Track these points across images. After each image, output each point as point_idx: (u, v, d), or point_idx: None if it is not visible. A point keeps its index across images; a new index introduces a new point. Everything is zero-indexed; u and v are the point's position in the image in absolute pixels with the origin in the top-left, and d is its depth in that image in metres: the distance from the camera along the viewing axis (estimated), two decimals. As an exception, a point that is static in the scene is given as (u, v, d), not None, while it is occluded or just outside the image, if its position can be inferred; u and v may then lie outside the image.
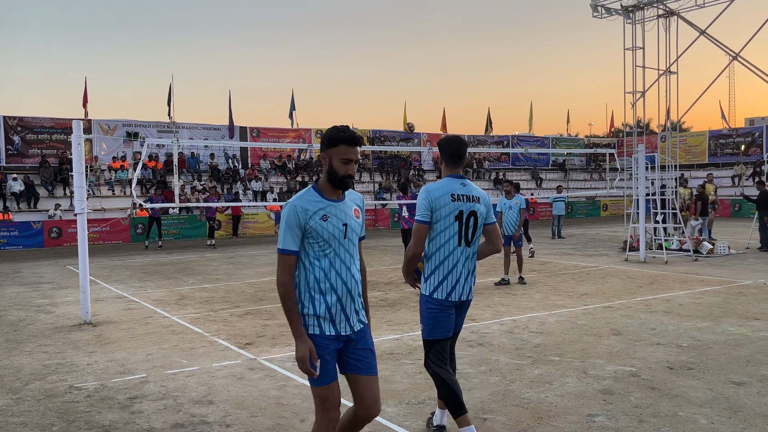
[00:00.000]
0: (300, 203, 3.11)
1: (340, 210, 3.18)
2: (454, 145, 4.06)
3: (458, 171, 4.06)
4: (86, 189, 8.77)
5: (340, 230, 3.14)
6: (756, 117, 53.60)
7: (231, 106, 37.06)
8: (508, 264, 11.42)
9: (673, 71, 17.14)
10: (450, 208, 3.91)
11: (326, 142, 3.17)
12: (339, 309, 3.16)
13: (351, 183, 3.18)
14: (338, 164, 3.14)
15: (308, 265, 3.15)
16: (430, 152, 33.79)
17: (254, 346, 7.02)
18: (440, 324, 4.05)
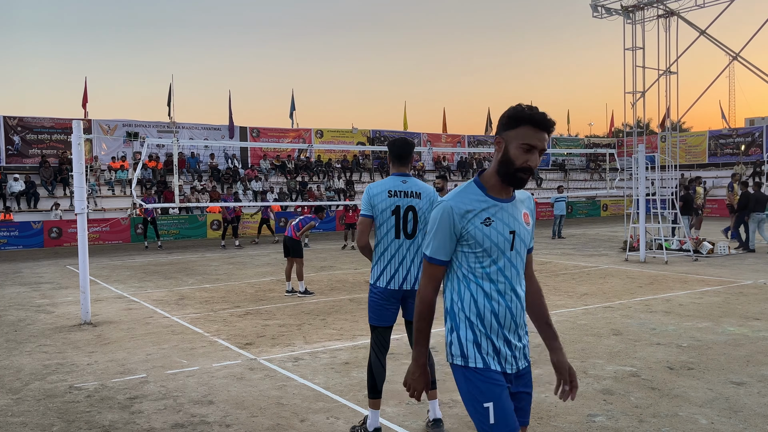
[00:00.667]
0: (458, 204, 2.46)
1: (507, 213, 2.52)
2: (399, 145, 4.37)
3: (404, 169, 4.36)
4: (86, 189, 8.77)
5: (506, 239, 2.49)
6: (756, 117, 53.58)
7: (231, 106, 37.10)
8: None
9: (673, 71, 17.13)
10: (386, 204, 4.23)
11: (504, 121, 2.50)
12: (502, 340, 2.52)
13: (527, 179, 2.50)
14: (516, 151, 2.44)
15: (461, 278, 2.52)
16: (430, 152, 33.79)
17: (254, 346, 7.02)
18: (379, 312, 4.32)
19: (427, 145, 33.91)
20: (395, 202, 4.24)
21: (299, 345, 7.06)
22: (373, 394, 4.38)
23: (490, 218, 2.47)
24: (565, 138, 42.27)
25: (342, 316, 8.61)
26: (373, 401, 4.40)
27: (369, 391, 4.40)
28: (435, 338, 7.21)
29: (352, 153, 32.22)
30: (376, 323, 4.36)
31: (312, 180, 29.52)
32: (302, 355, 6.61)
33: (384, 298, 4.30)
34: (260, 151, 30.07)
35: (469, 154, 35.19)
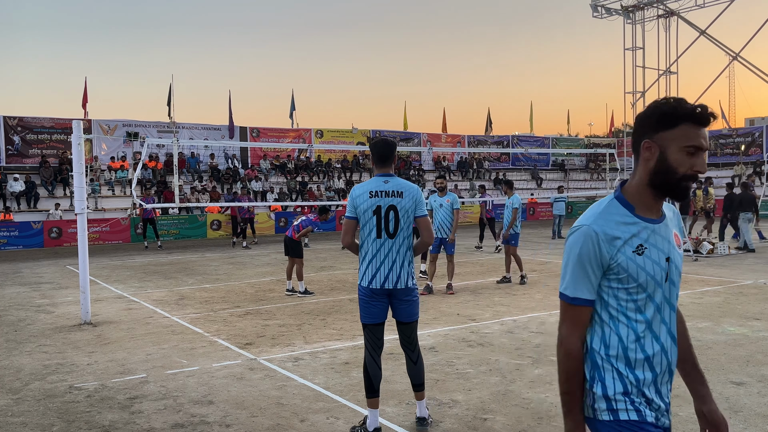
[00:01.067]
0: (602, 228, 1.99)
1: (661, 236, 2.05)
2: (380, 147, 4.41)
3: (386, 170, 4.39)
4: (87, 190, 8.76)
5: (662, 269, 2.03)
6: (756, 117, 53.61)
7: (231, 106, 37.10)
8: (509, 262, 11.41)
9: (673, 71, 17.14)
10: (367, 205, 4.29)
11: (656, 120, 1.98)
12: (654, 389, 2.15)
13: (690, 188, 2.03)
14: (678, 156, 1.95)
15: (607, 320, 2.05)
16: (430, 152, 33.79)
17: (254, 346, 7.02)
18: (366, 310, 4.45)
19: (427, 145, 33.91)
20: (376, 202, 4.30)
21: (299, 345, 7.06)
22: (371, 394, 4.43)
23: (642, 245, 1.99)
24: (565, 138, 42.27)
25: (342, 316, 8.60)
26: (371, 401, 4.44)
27: (366, 391, 4.46)
28: (435, 338, 7.21)
29: (352, 153, 32.22)
30: (365, 320, 4.49)
31: (312, 180, 29.52)
32: (302, 355, 6.61)
33: (369, 296, 4.41)
34: (260, 151, 30.07)
35: (469, 154, 35.19)
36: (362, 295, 4.45)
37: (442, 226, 10.40)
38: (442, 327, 7.81)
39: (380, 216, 4.29)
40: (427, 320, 8.20)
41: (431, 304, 9.36)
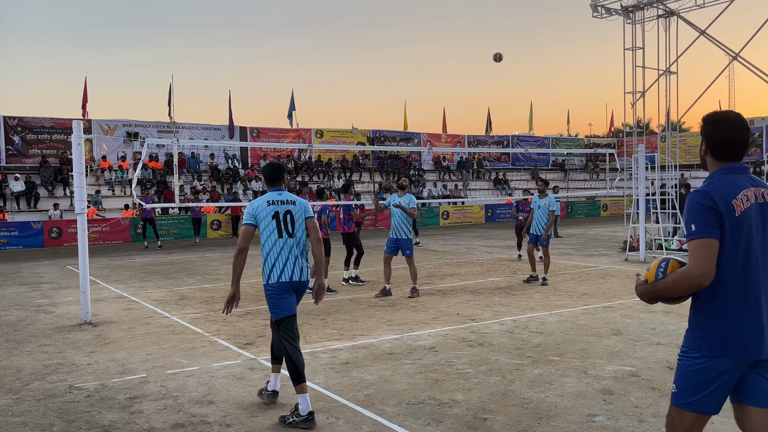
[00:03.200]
0: None
1: None
2: (269, 170, 5.17)
3: (277, 186, 5.11)
4: (86, 189, 8.77)
5: None
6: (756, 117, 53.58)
7: (231, 106, 37.11)
8: (534, 261, 11.38)
9: (673, 71, 17.13)
10: (267, 212, 4.93)
11: None
12: None
13: None
14: None
15: None
16: (430, 152, 33.79)
17: (254, 346, 7.02)
18: (280, 304, 4.90)
19: (427, 145, 33.92)
20: (275, 208, 4.96)
21: (299, 345, 7.05)
22: (299, 381, 4.76)
23: None
24: (565, 138, 42.27)
25: (342, 316, 8.61)
26: (299, 386, 4.74)
27: (294, 379, 4.78)
28: (435, 338, 7.21)
29: (351, 153, 32.22)
30: (282, 315, 4.91)
31: (312, 180, 29.52)
32: (302, 355, 6.60)
33: (280, 291, 4.90)
34: (260, 151, 30.07)
35: (469, 154, 35.19)
36: (273, 291, 4.92)
37: (398, 227, 10.10)
38: (442, 327, 7.81)
39: (279, 219, 4.94)
40: (427, 320, 8.20)
41: (431, 304, 9.36)
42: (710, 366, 2.71)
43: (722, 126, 2.82)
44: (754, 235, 2.73)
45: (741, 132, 2.81)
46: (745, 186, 2.76)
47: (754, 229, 2.73)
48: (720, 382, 2.71)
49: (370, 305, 9.40)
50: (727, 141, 2.80)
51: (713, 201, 2.70)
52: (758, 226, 2.74)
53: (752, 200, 2.75)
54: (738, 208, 2.70)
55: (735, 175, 2.80)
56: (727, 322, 2.70)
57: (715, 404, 2.74)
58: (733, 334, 2.70)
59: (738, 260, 2.70)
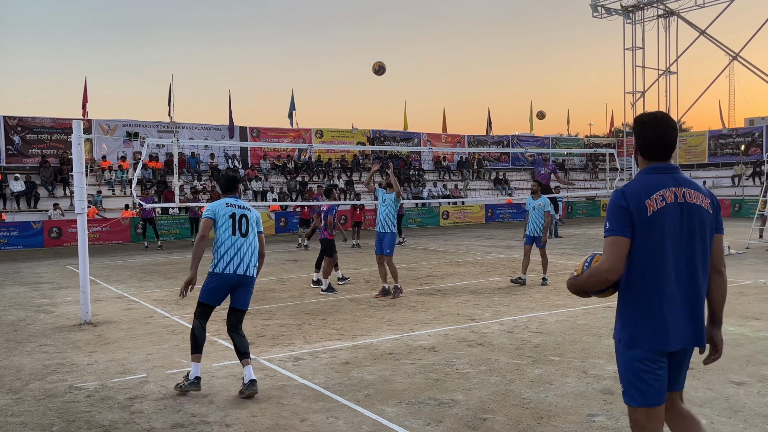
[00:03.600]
0: None
1: None
2: (224, 182, 5.96)
3: (232, 194, 5.85)
4: (86, 189, 8.77)
5: None
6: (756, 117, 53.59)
7: (231, 106, 37.11)
8: (527, 263, 11.19)
9: (673, 71, 17.14)
10: (225, 211, 5.67)
11: None
12: None
13: None
14: None
15: None
16: (430, 152, 33.79)
17: (254, 346, 7.02)
18: (212, 294, 5.64)
19: (427, 145, 33.92)
20: (231, 210, 5.68)
21: (299, 345, 7.06)
22: (196, 351, 5.51)
23: None
24: (565, 138, 42.26)
25: (342, 316, 8.61)
26: (195, 356, 5.50)
27: (193, 349, 5.53)
28: (435, 338, 7.21)
29: (352, 153, 32.22)
30: (207, 301, 5.65)
31: (312, 180, 29.52)
32: (302, 355, 6.61)
33: (220, 283, 5.60)
34: (260, 151, 30.07)
35: (469, 154, 35.19)
36: (213, 280, 5.64)
37: (384, 221, 10.06)
38: (442, 327, 7.81)
39: (235, 220, 5.64)
40: (427, 320, 8.20)
41: (431, 304, 9.36)
42: (633, 358, 2.85)
43: (649, 126, 2.95)
44: (668, 233, 2.84)
45: (666, 132, 2.94)
46: (664, 186, 2.88)
47: (669, 228, 2.84)
48: (648, 373, 2.83)
49: (370, 305, 9.40)
50: (653, 141, 2.94)
51: (626, 201, 2.85)
52: (674, 224, 2.86)
53: (669, 200, 2.86)
54: (650, 208, 2.83)
55: (657, 175, 2.92)
56: (641, 316, 2.85)
57: (654, 395, 2.85)
58: (646, 327, 2.84)
59: (651, 258, 2.84)
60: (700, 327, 2.91)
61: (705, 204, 2.92)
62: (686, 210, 2.88)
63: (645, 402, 2.86)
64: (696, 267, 2.89)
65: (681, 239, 2.86)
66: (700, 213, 2.90)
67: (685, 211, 2.88)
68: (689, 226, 2.87)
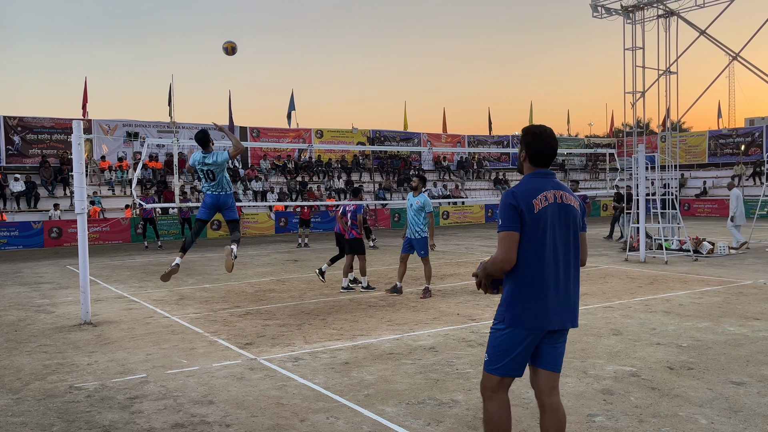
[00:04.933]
0: None
1: None
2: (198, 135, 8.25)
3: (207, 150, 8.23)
4: (86, 189, 8.77)
5: None
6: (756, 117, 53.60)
7: (231, 106, 37.09)
8: None
9: (673, 71, 17.13)
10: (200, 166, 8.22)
11: None
12: None
13: None
14: None
15: None
16: (430, 152, 33.79)
17: (254, 346, 7.02)
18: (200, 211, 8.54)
19: (427, 145, 33.92)
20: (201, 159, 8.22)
21: (299, 345, 7.06)
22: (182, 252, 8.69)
23: None
24: (565, 138, 42.26)
25: (342, 316, 8.61)
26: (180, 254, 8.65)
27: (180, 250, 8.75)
28: (435, 338, 7.21)
29: (352, 153, 32.22)
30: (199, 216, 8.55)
31: (312, 180, 29.52)
32: (302, 355, 6.61)
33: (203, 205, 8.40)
34: (260, 151, 30.07)
35: (469, 154, 35.19)
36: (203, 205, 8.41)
37: (411, 226, 10.02)
38: (442, 327, 7.81)
39: (204, 172, 8.15)
40: (427, 320, 8.20)
41: (431, 304, 9.36)
42: (512, 335, 3.32)
43: (538, 137, 3.41)
44: (549, 228, 3.31)
45: (550, 143, 3.42)
46: (546, 188, 3.35)
47: (550, 224, 3.31)
48: (520, 349, 3.34)
49: (370, 305, 9.40)
50: (539, 150, 3.40)
51: (516, 201, 3.28)
52: (554, 221, 3.33)
53: (550, 200, 3.33)
54: (536, 206, 3.29)
55: (540, 179, 3.40)
56: (525, 299, 3.30)
57: (517, 369, 3.39)
58: (528, 308, 3.30)
59: (535, 249, 3.28)
60: (574, 310, 3.45)
61: (575, 205, 3.41)
62: (563, 209, 3.35)
63: (507, 372, 3.37)
64: (570, 258, 3.37)
65: (559, 234, 3.33)
66: (573, 212, 3.38)
67: (562, 210, 3.35)
68: (565, 223, 3.35)
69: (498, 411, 3.41)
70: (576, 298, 3.44)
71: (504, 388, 3.43)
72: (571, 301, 3.41)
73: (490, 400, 3.42)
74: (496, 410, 3.41)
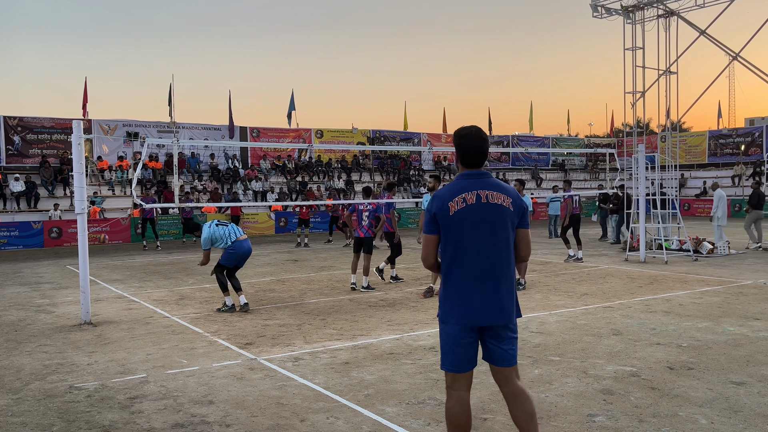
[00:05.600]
0: None
1: None
2: None
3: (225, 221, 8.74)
4: (86, 189, 8.77)
5: None
6: (756, 117, 53.62)
7: (231, 106, 37.11)
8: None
9: (673, 71, 17.13)
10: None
11: None
12: None
13: None
14: None
15: None
16: (430, 152, 33.78)
17: (254, 346, 7.02)
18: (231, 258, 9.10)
19: (427, 145, 33.92)
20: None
21: (299, 345, 7.06)
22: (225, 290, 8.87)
23: None
24: (565, 138, 42.26)
25: (342, 316, 8.61)
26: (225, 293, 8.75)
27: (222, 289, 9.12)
28: (435, 338, 7.21)
29: (352, 153, 32.21)
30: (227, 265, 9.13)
31: (312, 180, 29.52)
32: (302, 355, 6.61)
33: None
34: (260, 151, 30.07)
35: (469, 154, 35.14)
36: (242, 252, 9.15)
37: None
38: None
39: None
40: (427, 320, 8.20)
41: (431, 304, 9.36)
42: (446, 332, 3.44)
43: (465, 138, 3.46)
44: (470, 229, 3.38)
45: (477, 143, 3.45)
46: (468, 189, 3.41)
47: (470, 224, 3.38)
48: (458, 346, 3.41)
49: (370, 305, 9.40)
50: (466, 151, 3.45)
51: (432, 205, 3.43)
52: (476, 221, 3.39)
53: (470, 201, 3.39)
54: (452, 209, 3.38)
55: (466, 180, 3.45)
56: (449, 297, 3.42)
57: (461, 365, 3.44)
58: (452, 306, 3.40)
59: (454, 249, 3.40)
60: (506, 305, 3.42)
61: (506, 203, 3.42)
62: (488, 208, 3.39)
63: (453, 368, 3.45)
64: (499, 254, 3.39)
65: (484, 233, 3.38)
66: (501, 210, 3.40)
67: (487, 209, 3.39)
68: (491, 221, 3.38)
69: (452, 407, 3.49)
70: (507, 295, 3.43)
71: (459, 384, 3.48)
72: (500, 298, 3.40)
73: (447, 396, 3.54)
74: (450, 406, 3.50)
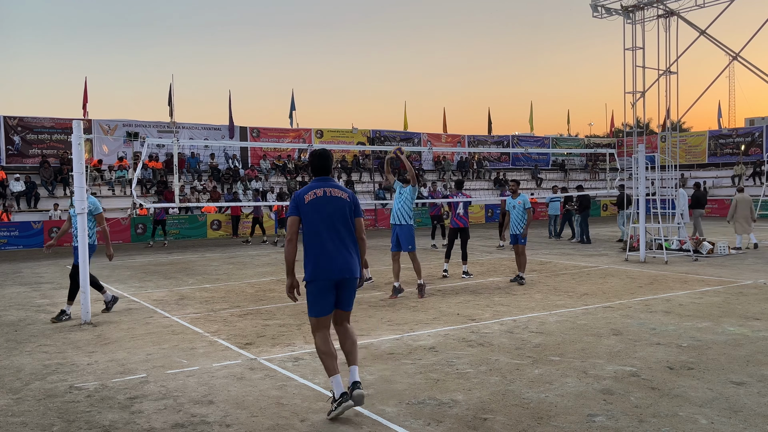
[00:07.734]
0: None
1: None
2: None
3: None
4: (86, 189, 8.77)
5: None
6: (756, 117, 53.63)
7: (231, 106, 37.12)
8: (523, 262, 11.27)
9: (673, 71, 17.13)
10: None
11: None
12: None
13: None
14: None
15: None
16: (430, 152, 33.77)
17: (254, 346, 7.02)
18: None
19: (427, 145, 33.91)
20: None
21: (299, 345, 7.06)
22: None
23: None
24: (565, 138, 42.27)
25: (342, 316, 8.60)
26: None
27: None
28: (435, 338, 7.21)
29: (352, 153, 32.20)
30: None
31: (311, 179, 29.48)
32: (302, 355, 6.61)
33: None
34: (260, 151, 30.07)
35: (469, 154, 35.18)
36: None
37: (400, 214, 10.00)
38: (442, 327, 7.81)
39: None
40: (427, 320, 8.20)
41: (431, 304, 9.36)
42: (311, 287, 4.81)
43: (314, 157, 5.11)
44: (318, 212, 4.88)
45: (321, 161, 5.09)
46: (317, 188, 4.95)
47: (319, 209, 4.88)
48: (320, 296, 4.81)
49: (370, 305, 9.40)
50: (314, 166, 5.11)
51: (295, 198, 4.95)
52: (323, 207, 4.90)
53: (319, 195, 4.92)
54: (307, 199, 4.91)
55: (316, 182, 5.01)
56: (309, 261, 4.83)
57: (323, 310, 4.83)
58: (313, 267, 4.81)
59: (309, 226, 4.87)
60: (351, 265, 4.87)
61: (344, 197, 4.97)
62: (331, 200, 4.93)
63: (317, 314, 4.82)
64: (341, 231, 4.88)
65: (329, 215, 4.89)
66: (340, 202, 4.94)
67: (330, 200, 4.93)
68: (333, 208, 4.90)
69: (321, 343, 4.83)
70: (351, 257, 4.88)
71: (322, 326, 4.84)
72: (346, 259, 4.85)
73: (315, 336, 4.87)
74: (320, 343, 4.84)
